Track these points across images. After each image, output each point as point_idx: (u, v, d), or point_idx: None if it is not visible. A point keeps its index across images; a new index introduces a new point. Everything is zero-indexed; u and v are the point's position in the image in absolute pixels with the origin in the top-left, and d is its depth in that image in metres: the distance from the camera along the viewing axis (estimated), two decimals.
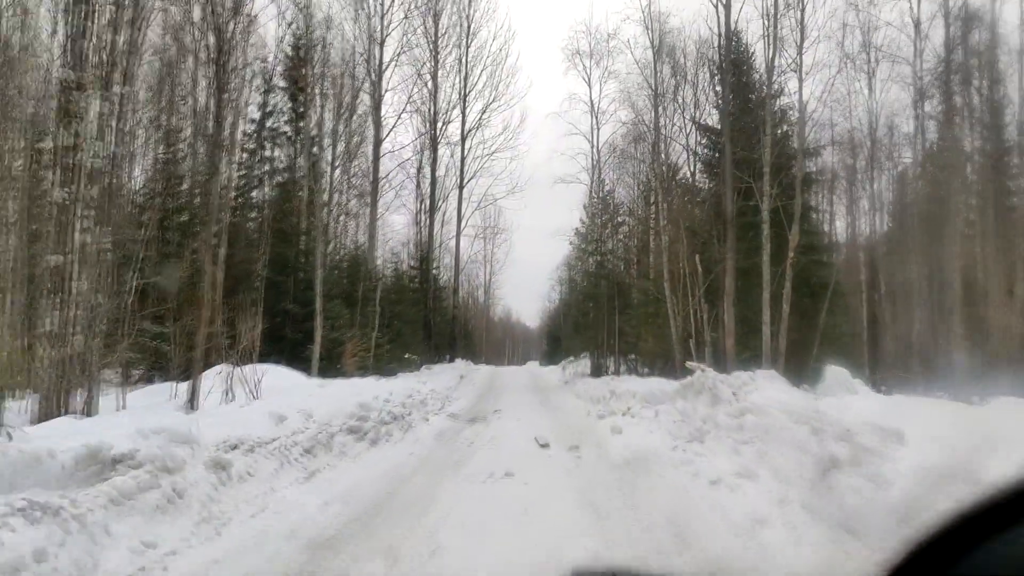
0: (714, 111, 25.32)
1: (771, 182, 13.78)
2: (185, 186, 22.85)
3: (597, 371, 24.52)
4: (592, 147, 30.22)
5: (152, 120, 24.52)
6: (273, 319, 21.48)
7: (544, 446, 9.42)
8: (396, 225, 37.18)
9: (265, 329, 22.25)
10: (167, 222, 20.38)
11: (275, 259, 21.76)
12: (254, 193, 27.59)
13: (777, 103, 16.28)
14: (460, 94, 31.52)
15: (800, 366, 13.86)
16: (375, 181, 26.49)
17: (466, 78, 31.65)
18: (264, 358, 21.73)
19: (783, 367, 12.96)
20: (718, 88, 25.28)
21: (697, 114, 22.59)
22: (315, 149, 26.91)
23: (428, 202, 31.45)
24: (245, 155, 27.39)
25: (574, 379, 25.06)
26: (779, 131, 16.15)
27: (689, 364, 12.62)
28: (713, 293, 15.78)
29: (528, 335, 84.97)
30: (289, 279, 21.07)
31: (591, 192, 28.17)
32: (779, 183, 14.76)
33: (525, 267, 78.83)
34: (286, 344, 20.80)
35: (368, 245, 26.74)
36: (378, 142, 26.72)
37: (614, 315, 23.94)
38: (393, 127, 28.03)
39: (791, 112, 17.06)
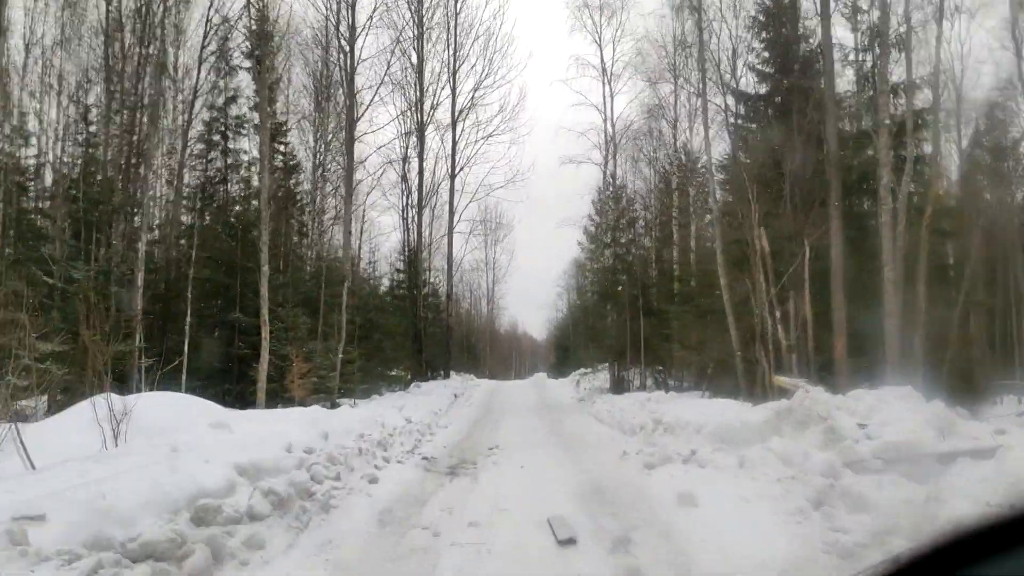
0: (750, 73, 21.10)
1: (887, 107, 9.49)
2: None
3: (620, 386, 20.19)
4: (605, 120, 25.98)
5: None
6: (216, 330, 17.32)
7: (566, 543, 5.13)
8: (386, 227, 33.00)
9: (208, 343, 18.09)
10: (79, 214, 16.23)
11: (220, 259, 17.62)
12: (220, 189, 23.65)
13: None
14: (449, 69, 27.46)
15: (928, 377, 9.49)
16: (349, 166, 22.37)
17: (455, 51, 27.60)
18: (204, 380, 17.53)
19: (919, 380, 8.62)
20: (756, 45, 21.12)
21: (738, 67, 18.40)
22: (282, 137, 22.87)
23: (416, 195, 27.31)
24: (202, 146, 23.39)
25: (591, 396, 20.76)
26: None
27: (780, 379, 8.35)
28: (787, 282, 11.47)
29: (535, 347, 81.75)
30: (236, 282, 16.89)
31: (604, 172, 23.96)
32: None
33: (530, 277, 74.10)
34: (233, 361, 16.61)
35: (344, 242, 22.55)
36: (352, 121, 22.60)
37: (638, 318, 19.68)
38: (370, 103, 23.95)
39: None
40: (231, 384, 16.92)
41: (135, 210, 16.41)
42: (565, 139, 59.33)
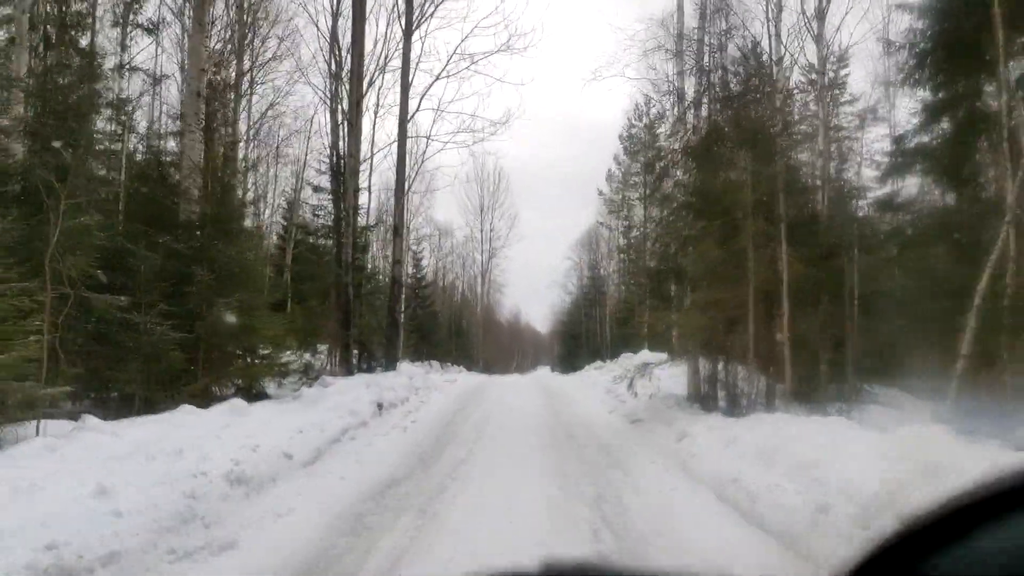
0: None
1: None
2: None
3: (732, 403, 9.08)
4: None
5: None
6: None
7: None
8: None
9: None
10: None
11: None
12: None
13: None
14: None
15: None
16: None
17: None
18: None
19: None
20: None
21: None
22: None
23: (350, 62, 16.24)
24: None
25: (659, 413, 9.88)
26: None
27: None
28: None
29: (538, 340, 74.68)
30: None
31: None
32: None
33: (533, 266, 63.03)
34: None
35: (185, 95, 11.57)
36: None
37: (776, 244, 8.72)
38: None
39: None
40: None
41: None
42: None
